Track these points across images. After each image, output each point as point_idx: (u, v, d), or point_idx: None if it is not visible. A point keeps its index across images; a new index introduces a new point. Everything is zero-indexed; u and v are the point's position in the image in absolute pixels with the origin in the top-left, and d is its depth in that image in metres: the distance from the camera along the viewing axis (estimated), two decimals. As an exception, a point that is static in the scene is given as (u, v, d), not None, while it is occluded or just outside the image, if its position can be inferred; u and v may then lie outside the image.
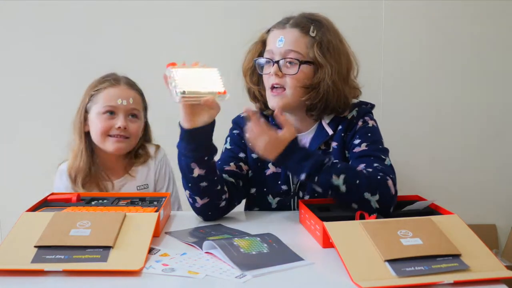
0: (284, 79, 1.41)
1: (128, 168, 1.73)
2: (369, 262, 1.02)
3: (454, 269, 1.00)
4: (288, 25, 1.44)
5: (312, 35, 1.41)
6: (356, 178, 1.26)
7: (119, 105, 1.66)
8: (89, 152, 1.69)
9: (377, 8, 2.28)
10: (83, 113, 1.70)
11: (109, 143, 1.66)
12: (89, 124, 1.69)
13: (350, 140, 1.45)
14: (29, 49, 2.26)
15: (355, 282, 0.95)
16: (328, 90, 1.40)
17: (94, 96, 1.68)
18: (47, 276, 0.99)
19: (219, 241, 1.11)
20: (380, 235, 1.09)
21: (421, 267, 0.99)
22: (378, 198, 1.26)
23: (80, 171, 1.67)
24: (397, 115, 2.29)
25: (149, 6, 2.26)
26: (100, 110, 1.66)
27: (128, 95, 1.68)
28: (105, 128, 1.65)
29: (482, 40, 2.32)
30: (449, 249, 1.05)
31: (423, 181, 2.32)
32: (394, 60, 2.29)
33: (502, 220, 2.39)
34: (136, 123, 1.70)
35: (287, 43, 1.41)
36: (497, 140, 2.37)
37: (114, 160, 1.72)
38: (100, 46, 2.26)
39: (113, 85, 1.68)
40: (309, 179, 1.26)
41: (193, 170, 1.32)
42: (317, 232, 1.19)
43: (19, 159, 2.30)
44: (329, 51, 1.41)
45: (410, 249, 1.04)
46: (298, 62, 1.40)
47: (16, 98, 2.28)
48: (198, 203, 1.36)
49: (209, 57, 2.22)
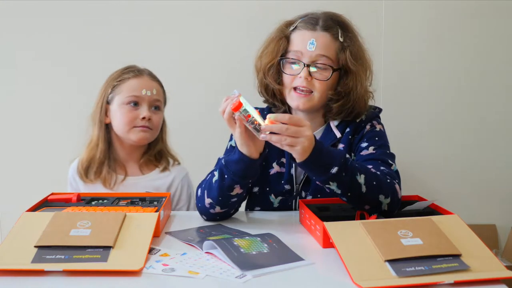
0: (312, 82, 1.40)
1: (143, 168, 1.72)
2: (369, 262, 1.02)
3: (454, 269, 1.00)
4: (319, 27, 1.42)
5: (341, 40, 1.41)
6: (373, 179, 1.25)
7: (144, 95, 1.64)
8: (107, 144, 1.67)
9: (377, 8, 2.28)
10: (104, 104, 1.67)
11: (133, 133, 1.65)
12: (110, 116, 1.67)
13: (357, 143, 1.44)
14: (27, 47, 2.26)
15: (356, 282, 0.95)
16: (359, 97, 1.42)
17: (116, 87, 1.66)
18: (47, 276, 0.99)
19: (219, 241, 1.11)
20: (380, 235, 1.09)
21: (422, 267, 0.99)
22: (389, 201, 1.25)
23: (94, 161, 1.65)
24: (397, 115, 2.29)
25: (149, 6, 2.26)
26: (124, 100, 1.64)
27: (152, 86, 1.67)
28: (130, 119, 1.63)
29: (482, 39, 2.32)
30: (449, 249, 1.05)
31: (423, 181, 2.32)
32: (394, 60, 2.29)
33: (502, 220, 2.39)
34: (158, 115, 1.69)
35: (319, 47, 1.39)
36: (497, 140, 2.37)
37: (131, 154, 1.71)
38: (100, 46, 2.26)
39: (137, 75, 1.67)
40: (337, 176, 1.20)
41: (234, 189, 1.32)
42: (317, 232, 1.19)
43: (19, 159, 2.30)
44: (358, 58, 1.41)
45: (410, 249, 1.04)
46: (330, 69, 1.40)
47: (16, 98, 2.28)
48: (215, 211, 1.36)
49: (209, 57, 2.25)
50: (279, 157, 1.48)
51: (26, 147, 2.29)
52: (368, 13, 2.27)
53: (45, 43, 2.26)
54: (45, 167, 2.27)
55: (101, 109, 1.67)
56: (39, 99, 2.28)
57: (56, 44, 2.26)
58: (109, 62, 1.75)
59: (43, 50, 2.26)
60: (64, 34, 2.25)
